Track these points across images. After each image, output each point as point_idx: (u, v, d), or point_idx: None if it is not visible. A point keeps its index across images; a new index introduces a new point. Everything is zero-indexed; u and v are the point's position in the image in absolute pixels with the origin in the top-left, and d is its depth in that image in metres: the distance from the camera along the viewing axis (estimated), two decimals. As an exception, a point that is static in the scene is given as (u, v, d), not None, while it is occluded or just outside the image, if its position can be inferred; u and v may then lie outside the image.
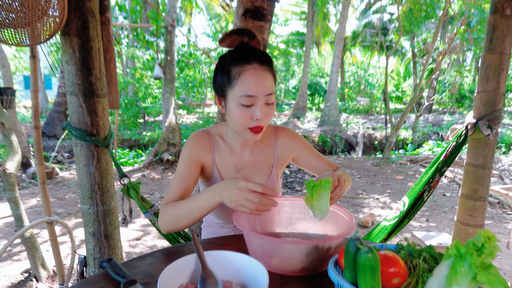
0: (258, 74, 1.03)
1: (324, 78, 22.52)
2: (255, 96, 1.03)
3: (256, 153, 1.26)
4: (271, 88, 1.06)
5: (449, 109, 18.80)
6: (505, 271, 3.06)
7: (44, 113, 13.57)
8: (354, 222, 0.94)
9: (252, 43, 1.11)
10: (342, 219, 1.02)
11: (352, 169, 6.99)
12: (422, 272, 0.72)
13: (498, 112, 1.92)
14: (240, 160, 1.24)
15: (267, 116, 1.08)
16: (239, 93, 1.03)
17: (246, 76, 1.03)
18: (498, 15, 1.88)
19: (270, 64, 1.07)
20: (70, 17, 1.54)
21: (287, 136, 1.29)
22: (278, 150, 1.28)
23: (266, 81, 1.04)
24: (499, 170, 6.78)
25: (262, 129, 1.09)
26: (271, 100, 1.07)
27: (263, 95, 1.04)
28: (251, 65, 1.03)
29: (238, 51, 1.07)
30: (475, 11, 9.10)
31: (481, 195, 2.03)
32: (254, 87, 1.03)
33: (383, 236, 2.04)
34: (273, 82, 1.08)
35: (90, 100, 1.65)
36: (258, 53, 1.06)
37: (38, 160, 2.02)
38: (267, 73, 1.05)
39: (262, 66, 1.04)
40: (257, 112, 1.04)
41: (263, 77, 1.04)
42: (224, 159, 1.23)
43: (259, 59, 1.05)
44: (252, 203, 0.92)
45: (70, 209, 4.42)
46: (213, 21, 19.24)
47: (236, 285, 0.77)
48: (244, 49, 1.07)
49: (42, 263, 2.61)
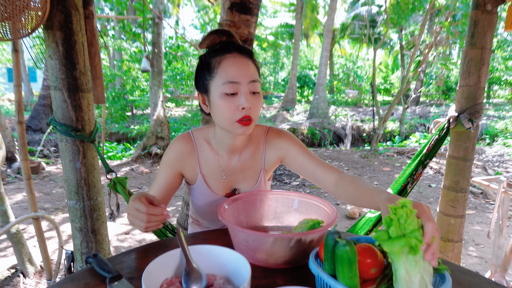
0: (238, 61, 1.02)
1: (313, 70, 22.56)
2: (238, 82, 1.00)
3: (244, 158, 1.20)
4: (254, 75, 1.04)
5: (436, 101, 19.08)
6: (486, 259, 3.16)
7: (29, 107, 13.31)
8: (336, 215, 0.96)
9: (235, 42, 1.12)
10: (324, 211, 1.04)
11: (340, 161, 7.07)
12: None
13: (479, 106, 1.97)
14: (227, 165, 1.19)
15: (255, 107, 1.03)
16: (221, 81, 1.00)
17: (226, 63, 1.01)
18: (480, 10, 1.91)
19: (250, 55, 1.07)
20: (52, 10, 1.52)
21: (278, 141, 1.21)
22: (267, 153, 1.22)
23: (248, 67, 1.03)
24: (483, 161, 6.95)
25: (251, 120, 1.03)
26: (256, 89, 1.04)
27: (246, 81, 1.01)
28: (231, 53, 1.03)
29: (217, 45, 1.07)
30: (460, 5, 9.20)
31: (462, 186, 2.08)
32: (236, 72, 1.00)
33: (368, 228, 2.08)
34: (256, 71, 1.06)
35: (74, 95, 1.63)
36: (237, 45, 1.07)
37: (22, 155, 2.00)
38: (248, 61, 1.04)
39: (243, 55, 1.04)
40: (242, 100, 1.00)
41: (244, 63, 1.03)
42: (209, 164, 1.19)
43: (240, 50, 1.05)
44: (141, 222, 0.89)
45: (57, 204, 4.37)
46: (201, 13, 19.04)
47: (220, 278, 0.79)
48: (223, 43, 1.08)
49: (29, 259, 2.59)
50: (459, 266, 0.97)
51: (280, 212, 1.16)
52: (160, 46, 6.77)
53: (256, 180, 1.22)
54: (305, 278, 0.88)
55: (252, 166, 1.21)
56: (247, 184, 1.22)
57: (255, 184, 1.22)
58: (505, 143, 8.87)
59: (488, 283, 0.89)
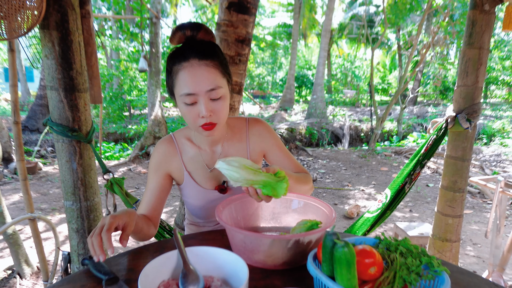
0: (195, 70, 0.99)
1: (311, 70, 22.59)
2: (194, 93, 0.99)
3: (227, 149, 1.22)
4: (213, 83, 1.00)
5: (433, 101, 19.12)
6: (484, 259, 3.17)
7: (26, 107, 13.26)
8: (334, 216, 0.96)
9: (199, 35, 1.05)
10: (322, 212, 1.03)
11: (338, 161, 7.07)
12: (400, 266, 0.74)
13: (477, 106, 1.97)
14: (211, 158, 1.21)
15: (216, 112, 1.03)
16: (180, 91, 1.00)
17: (183, 74, 0.99)
18: (478, 10, 1.91)
19: (212, 57, 1.01)
20: (48, 10, 1.51)
21: (259, 129, 1.24)
22: (251, 143, 1.24)
23: (205, 76, 0.99)
24: (480, 161, 6.97)
25: (214, 125, 1.04)
26: (217, 95, 1.01)
27: (204, 91, 0.99)
28: (188, 62, 0.99)
29: (178, 49, 1.03)
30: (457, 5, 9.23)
31: (460, 186, 2.08)
32: (192, 84, 0.98)
33: (366, 228, 2.08)
34: (218, 75, 1.01)
35: (71, 95, 1.62)
36: (198, 47, 1.01)
37: (18, 156, 1.99)
38: (207, 68, 0.99)
39: (201, 61, 0.99)
40: (201, 109, 1.00)
41: (201, 73, 0.99)
42: (193, 160, 1.21)
43: (200, 54, 0.99)
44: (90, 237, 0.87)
45: (54, 204, 4.36)
46: (199, 13, 19.00)
47: (218, 280, 0.78)
48: (184, 45, 1.04)
49: (25, 260, 2.58)
50: (457, 267, 0.97)
51: (278, 213, 1.15)
52: (158, 46, 6.76)
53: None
54: (303, 280, 0.87)
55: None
56: None
57: None
58: (502, 142, 8.90)
59: (486, 283, 0.88)
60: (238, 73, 2.36)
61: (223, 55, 1.07)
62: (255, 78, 22.60)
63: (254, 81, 22.68)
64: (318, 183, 5.52)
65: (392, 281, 0.72)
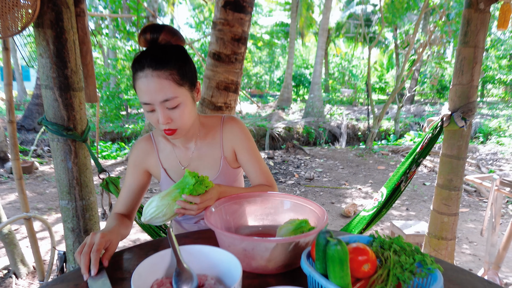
0: (149, 81, 0.98)
1: (308, 69, 22.60)
2: (150, 103, 1.01)
3: (200, 146, 1.23)
4: (167, 94, 0.99)
5: (430, 100, 19.19)
6: (480, 257, 3.19)
7: (23, 106, 13.20)
8: (326, 218, 0.95)
9: (160, 38, 1.03)
10: (313, 213, 1.02)
11: (335, 160, 7.08)
12: (393, 264, 0.74)
13: (472, 104, 1.97)
14: (184, 155, 1.23)
15: (175, 120, 1.04)
16: (139, 99, 1.03)
17: (139, 84, 1.00)
18: (473, 9, 1.92)
19: (167, 66, 0.99)
20: (43, 8, 1.50)
21: (233, 127, 1.24)
22: (225, 141, 1.23)
23: (158, 88, 0.98)
24: (477, 160, 7.00)
25: (175, 131, 1.06)
26: (173, 105, 1.01)
27: (158, 102, 1.00)
28: (143, 72, 0.98)
29: (138, 56, 1.02)
30: (453, 4, 9.25)
31: (455, 184, 2.09)
32: (146, 95, 0.99)
33: (362, 226, 2.08)
34: (172, 85, 1.00)
35: (66, 94, 1.61)
36: (154, 56, 0.99)
37: (14, 155, 1.98)
38: (160, 79, 0.98)
39: (155, 72, 0.98)
40: (159, 118, 1.02)
41: (154, 84, 0.98)
42: (168, 158, 1.23)
43: (153, 64, 0.98)
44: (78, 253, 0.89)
45: (51, 204, 4.34)
46: (196, 11, 18.97)
47: (211, 279, 0.78)
48: (143, 52, 1.02)
49: (21, 260, 2.57)
50: (451, 264, 0.97)
51: (268, 213, 1.13)
52: (155, 44, 6.74)
53: (218, 168, 1.24)
54: (297, 278, 0.87)
55: (211, 154, 1.23)
56: (209, 172, 1.23)
57: (218, 172, 1.23)
58: (499, 141, 8.94)
59: (480, 281, 0.89)
60: (234, 72, 2.36)
61: (184, 60, 1.04)
62: (252, 77, 22.59)
63: (252, 80, 22.67)
64: (315, 182, 5.53)
65: (385, 279, 0.72)
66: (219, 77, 2.34)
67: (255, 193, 1.14)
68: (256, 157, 1.25)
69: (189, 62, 1.06)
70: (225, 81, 2.35)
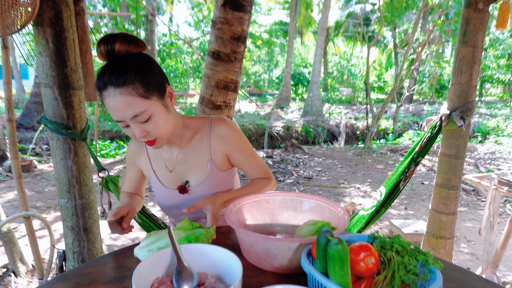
0: (113, 100, 0.94)
1: (307, 68, 22.57)
2: (122, 120, 0.98)
3: (186, 149, 1.20)
4: (134, 110, 0.95)
5: (429, 99, 19.21)
6: (478, 256, 3.20)
7: (21, 104, 13.15)
8: (347, 218, 0.94)
9: (116, 48, 0.96)
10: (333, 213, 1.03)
11: (334, 159, 7.09)
12: (397, 265, 0.74)
13: (471, 104, 1.98)
14: (169, 159, 1.21)
15: (152, 131, 1.01)
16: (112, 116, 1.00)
17: (106, 102, 0.96)
18: (472, 9, 1.92)
19: (127, 81, 0.93)
20: (42, 7, 1.50)
21: (221, 131, 1.19)
22: (212, 145, 1.19)
23: (125, 105, 0.94)
24: (475, 159, 7.02)
25: (155, 141, 1.04)
26: (143, 119, 0.98)
27: (129, 118, 0.97)
28: (107, 91, 0.94)
29: (98, 74, 0.96)
30: (452, 3, 9.26)
31: (454, 184, 2.10)
32: (115, 113, 0.96)
33: (361, 225, 2.09)
34: (137, 100, 0.95)
35: (65, 92, 1.61)
36: (112, 72, 0.93)
37: (13, 153, 1.98)
38: (123, 96, 0.93)
39: (117, 89, 0.93)
40: (135, 132, 1.00)
41: (118, 102, 0.94)
42: (156, 160, 1.24)
43: (113, 81, 0.93)
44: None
45: (50, 202, 4.34)
46: (195, 10, 18.94)
47: (212, 277, 0.78)
48: (103, 68, 0.96)
49: (20, 258, 2.57)
50: (450, 263, 0.98)
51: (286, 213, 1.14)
52: (154, 43, 6.74)
53: (205, 171, 1.20)
54: (297, 276, 0.88)
55: (197, 157, 1.20)
56: (195, 175, 1.21)
57: (204, 175, 1.20)
58: (497, 140, 8.97)
59: (478, 279, 0.89)
60: (234, 71, 2.36)
61: (146, 69, 0.97)
62: (251, 76, 22.57)
63: (251, 79, 22.66)
64: (314, 181, 5.53)
65: (390, 281, 0.71)
66: (219, 76, 2.34)
67: (274, 192, 1.14)
68: (251, 155, 1.24)
69: (152, 70, 0.99)
70: (225, 80, 2.35)
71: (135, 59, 0.97)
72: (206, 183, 1.20)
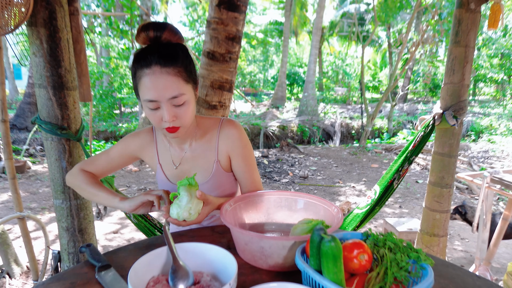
0: (157, 78, 0.97)
1: (302, 68, 22.64)
2: (157, 100, 0.99)
3: (194, 147, 1.21)
4: (175, 91, 0.99)
5: (423, 98, 19.33)
6: (471, 253, 3.23)
7: (14, 105, 13.04)
8: (341, 216, 0.95)
9: (163, 36, 1.02)
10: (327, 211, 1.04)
11: (329, 158, 7.12)
12: (390, 262, 0.75)
13: (463, 103, 2.00)
14: (178, 155, 1.22)
15: (180, 117, 1.04)
16: (143, 97, 1.01)
17: (145, 81, 0.98)
18: (464, 9, 1.94)
19: (175, 63, 0.99)
20: (36, 7, 1.49)
21: (230, 132, 1.21)
22: (220, 145, 1.21)
23: (167, 85, 0.98)
24: (468, 157, 7.08)
25: (178, 128, 1.06)
26: (179, 102, 1.01)
27: (166, 99, 0.99)
28: (150, 69, 0.97)
29: (142, 52, 1.00)
30: (446, 3, 9.33)
31: (447, 182, 2.12)
32: (154, 92, 0.98)
33: (355, 224, 2.11)
34: (180, 82, 1.00)
35: (60, 93, 1.61)
36: (161, 53, 0.99)
37: (7, 154, 1.97)
38: (169, 76, 0.98)
39: (163, 69, 0.97)
40: (164, 115, 1.01)
41: (163, 82, 0.98)
42: (164, 154, 1.24)
43: (161, 61, 0.97)
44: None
45: (44, 203, 4.31)
46: (190, 10, 18.90)
47: (207, 276, 0.79)
48: (148, 49, 1.01)
49: (15, 259, 2.55)
50: (442, 260, 0.99)
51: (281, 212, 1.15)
52: (148, 43, 6.70)
53: (210, 171, 1.21)
54: (292, 274, 0.88)
55: (204, 157, 1.22)
56: (200, 174, 1.22)
57: (210, 175, 1.21)
58: (490, 139, 9.05)
59: (469, 275, 0.91)
60: (229, 71, 2.37)
61: (189, 59, 1.04)
62: (246, 76, 22.57)
63: (246, 79, 22.66)
64: (309, 180, 5.55)
65: (382, 278, 0.73)
66: (214, 76, 2.34)
67: (269, 192, 1.15)
68: (250, 166, 1.23)
69: (192, 61, 1.06)
70: (220, 80, 2.36)
71: (181, 47, 1.04)
72: (211, 182, 1.21)
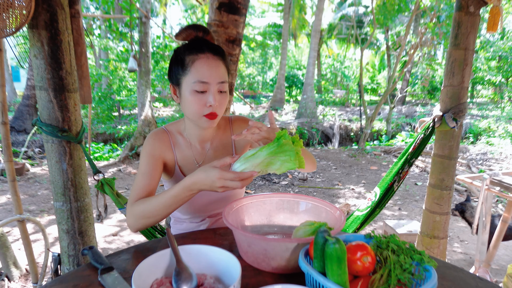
0: (210, 62, 1.08)
1: (301, 70, 22.65)
2: (208, 82, 1.08)
3: (215, 145, 1.28)
4: (223, 76, 1.11)
5: (421, 100, 19.37)
6: (471, 255, 3.23)
7: (13, 107, 13.02)
8: (344, 219, 0.96)
9: (207, 37, 1.16)
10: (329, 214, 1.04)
11: (328, 160, 7.12)
12: (393, 264, 0.75)
13: (463, 105, 2.01)
14: (200, 153, 1.27)
15: (221, 104, 1.12)
16: (193, 79, 1.07)
17: (199, 63, 1.08)
18: (463, 12, 1.95)
19: (223, 56, 1.13)
20: (37, 9, 1.49)
21: (241, 124, 1.32)
22: (236, 141, 1.31)
23: (218, 69, 1.10)
24: (467, 160, 7.09)
25: (216, 116, 1.12)
26: (224, 88, 1.12)
27: (216, 82, 1.09)
28: (205, 54, 1.09)
29: (193, 43, 1.12)
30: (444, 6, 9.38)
31: (447, 184, 2.13)
32: (207, 73, 1.07)
33: (356, 226, 2.11)
34: (225, 72, 1.13)
35: (60, 95, 1.61)
36: (211, 45, 1.12)
37: (6, 157, 1.96)
38: (219, 62, 1.11)
39: (215, 56, 1.10)
40: (210, 99, 1.08)
41: (215, 65, 1.09)
42: (184, 155, 1.25)
43: (212, 50, 1.10)
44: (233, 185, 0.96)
45: (43, 206, 4.30)
46: (189, 12, 18.92)
47: (210, 278, 0.79)
48: (198, 41, 1.13)
49: (14, 262, 2.54)
50: (444, 262, 0.99)
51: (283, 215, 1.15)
52: (148, 45, 6.72)
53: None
54: (295, 276, 0.88)
55: (224, 153, 1.29)
56: None
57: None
58: (488, 141, 9.07)
59: (472, 277, 0.91)
60: (229, 73, 2.37)
61: (227, 60, 1.17)
62: (245, 78, 22.60)
63: (245, 81, 22.68)
64: (308, 182, 5.55)
65: (386, 280, 0.73)
66: (214, 78, 2.35)
67: (271, 194, 1.16)
68: None
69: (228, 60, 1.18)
70: (220, 82, 2.36)
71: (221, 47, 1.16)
72: None
